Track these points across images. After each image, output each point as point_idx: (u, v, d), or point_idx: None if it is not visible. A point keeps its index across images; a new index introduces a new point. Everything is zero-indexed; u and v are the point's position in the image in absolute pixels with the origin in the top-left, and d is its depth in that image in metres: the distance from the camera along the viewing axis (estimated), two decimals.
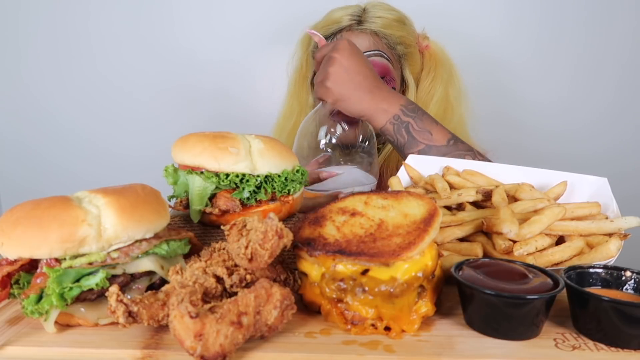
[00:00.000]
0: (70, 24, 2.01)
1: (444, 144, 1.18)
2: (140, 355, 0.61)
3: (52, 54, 2.04)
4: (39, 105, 2.09)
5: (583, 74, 1.92)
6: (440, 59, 1.59)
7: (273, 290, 0.63)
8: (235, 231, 0.69)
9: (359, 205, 0.75)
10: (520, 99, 1.96)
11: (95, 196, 0.70)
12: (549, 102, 1.95)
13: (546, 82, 1.94)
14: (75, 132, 2.10)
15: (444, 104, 1.54)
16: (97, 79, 2.05)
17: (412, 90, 1.54)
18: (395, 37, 1.48)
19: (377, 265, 0.65)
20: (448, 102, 1.55)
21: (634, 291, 0.69)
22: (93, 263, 0.66)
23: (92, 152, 2.10)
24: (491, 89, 1.94)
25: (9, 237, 0.65)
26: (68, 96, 2.07)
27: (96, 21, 2.00)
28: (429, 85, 1.55)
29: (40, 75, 2.06)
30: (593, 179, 0.98)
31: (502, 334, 0.65)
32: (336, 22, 1.47)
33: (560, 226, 0.86)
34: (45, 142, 2.11)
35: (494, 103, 1.94)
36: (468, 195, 0.94)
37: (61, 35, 2.02)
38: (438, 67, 1.57)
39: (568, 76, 1.93)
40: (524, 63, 1.93)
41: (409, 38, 1.51)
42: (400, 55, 1.51)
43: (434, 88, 1.55)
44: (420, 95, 1.56)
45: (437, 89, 1.54)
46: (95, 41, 2.01)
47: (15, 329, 0.67)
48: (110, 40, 2.01)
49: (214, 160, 0.84)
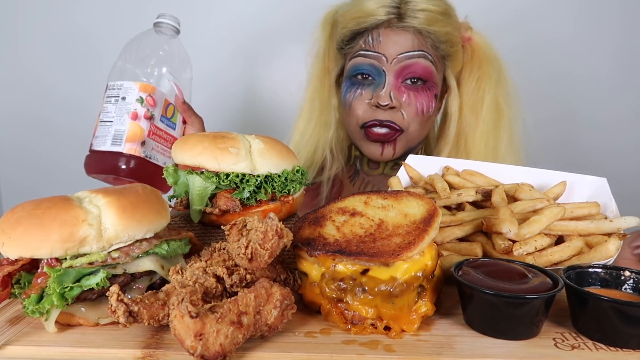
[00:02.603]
0: (72, 24, 2.01)
1: None
2: (141, 355, 0.61)
3: (56, 52, 2.04)
4: (39, 105, 2.09)
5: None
6: (486, 55, 1.33)
7: (273, 290, 0.63)
8: (235, 231, 0.69)
9: (358, 205, 0.75)
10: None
11: (95, 196, 0.70)
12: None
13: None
14: (76, 132, 2.10)
15: (496, 109, 1.32)
16: (97, 79, 2.05)
17: (455, 94, 1.33)
18: (441, 35, 1.25)
19: (377, 265, 0.65)
20: (499, 108, 1.32)
21: (633, 291, 0.69)
22: (93, 263, 0.66)
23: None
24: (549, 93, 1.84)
25: (10, 237, 0.65)
26: (69, 96, 2.07)
27: (98, 20, 2.00)
28: (475, 86, 1.32)
29: (41, 75, 2.06)
30: (592, 179, 0.98)
31: (501, 333, 0.65)
32: (370, 15, 1.24)
33: (560, 226, 0.86)
34: (46, 142, 2.11)
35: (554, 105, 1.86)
36: (468, 195, 0.95)
37: (64, 34, 2.02)
38: (484, 64, 1.33)
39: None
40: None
41: (455, 35, 1.29)
42: (445, 55, 1.30)
43: (482, 90, 1.32)
44: (466, 100, 1.33)
45: (487, 92, 1.31)
46: (97, 40, 2.01)
47: (16, 329, 0.67)
48: (111, 40, 2.01)
49: (214, 160, 0.84)
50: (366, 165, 1.42)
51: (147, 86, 1.13)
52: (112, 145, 1.10)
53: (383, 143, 1.30)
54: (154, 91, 1.13)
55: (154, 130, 1.14)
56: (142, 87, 1.12)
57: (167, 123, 1.18)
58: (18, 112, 2.10)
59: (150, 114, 1.12)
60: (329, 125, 1.42)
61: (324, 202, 1.41)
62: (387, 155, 1.31)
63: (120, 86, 1.13)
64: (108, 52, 2.00)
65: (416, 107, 1.26)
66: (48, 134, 2.11)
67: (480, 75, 1.32)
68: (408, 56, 1.23)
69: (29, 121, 2.11)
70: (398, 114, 1.26)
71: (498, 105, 1.32)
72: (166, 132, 1.18)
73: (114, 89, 1.14)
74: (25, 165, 2.15)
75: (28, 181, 2.13)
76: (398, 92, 1.25)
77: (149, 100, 1.12)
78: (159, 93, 1.15)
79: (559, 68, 1.89)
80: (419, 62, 1.24)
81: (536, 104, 1.74)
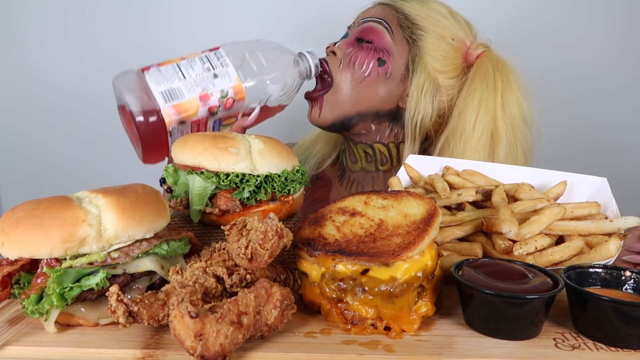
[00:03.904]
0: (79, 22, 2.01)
1: None
2: (141, 355, 0.61)
3: (55, 51, 2.04)
4: (39, 104, 2.09)
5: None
6: (482, 70, 1.24)
7: (273, 290, 0.63)
8: (235, 231, 0.69)
9: (358, 205, 0.75)
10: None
11: (95, 196, 0.70)
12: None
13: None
14: (76, 132, 2.10)
15: (491, 137, 1.21)
16: (97, 79, 2.04)
17: (418, 81, 1.25)
18: (405, 12, 1.26)
19: (377, 265, 0.65)
20: (496, 136, 1.21)
21: (634, 291, 0.69)
22: (93, 263, 0.66)
23: (93, 152, 2.10)
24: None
25: (10, 237, 0.65)
26: (70, 95, 2.07)
27: (100, 20, 2.00)
28: (472, 106, 1.22)
29: (41, 73, 2.06)
30: (593, 179, 0.98)
31: (501, 333, 0.65)
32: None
33: (560, 226, 0.86)
34: (46, 142, 2.11)
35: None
36: (468, 195, 0.95)
37: (66, 32, 2.02)
38: (475, 80, 1.23)
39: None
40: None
41: (430, 21, 1.25)
42: (415, 38, 1.25)
43: (467, 112, 1.21)
44: (461, 114, 1.22)
45: (480, 118, 1.20)
46: (100, 40, 2.01)
47: (16, 329, 0.67)
48: (112, 40, 2.01)
49: (214, 160, 0.84)
50: (349, 160, 1.42)
51: (241, 90, 1.01)
52: (160, 94, 0.96)
53: (312, 101, 1.31)
54: (240, 99, 1.02)
55: (200, 126, 1.03)
56: (237, 87, 1.00)
57: (213, 127, 1.07)
58: (18, 110, 2.10)
59: (216, 111, 1.01)
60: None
61: (310, 199, 1.42)
62: (314, 116, 1.30)
63: (225, 65, 1.01)
64: (110, 52, 2.02)
65: (353, 60, 1.26)
66: (48, 133, 2.11)
67: (481, 97, 1.23)
68: (365, 20, 1.29)
69: (29, 120, 2.10)
70: (337, 61, 1.28)
71: (495, 133, 1.22)
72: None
73: (218, 59, 1.02)
74: (25, 165, 2.15)
75: (28, 181, 2.13)
76: (346, 44, 1.29)
77: (229, 101, 1.01)
78: (241, 104, 1.04)
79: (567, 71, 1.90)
80: (372, 25, 1.27)
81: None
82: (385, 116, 1.31)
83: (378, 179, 1.39)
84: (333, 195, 1.43)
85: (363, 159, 1.38)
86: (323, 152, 1.48)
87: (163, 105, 0.95)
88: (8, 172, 2.15)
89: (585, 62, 1.92)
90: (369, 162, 1.37)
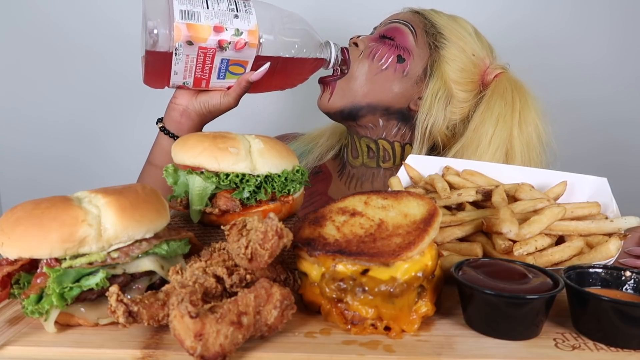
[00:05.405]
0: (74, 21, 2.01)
1: None
2: (141, 355, 0.61)
3: (54, 53, 2.04)
4: (38, 104, 2.09)
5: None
6: (501, 88, 1.26)
7: (273, 290, 0.63)
8: (235, 231, 0.69)
9: (358, 205, 0.75)
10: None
11: (95, 196, 0.70)
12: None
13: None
14: (75, 133, 2.10)
15: (506, 154, 1.22)
16: (97, 78, 2.05)
17: (434, 86, 1.28)
18: (433, 21, 1.31)
19: (377, 265, 0.65)
20: (510, 153, 1.22)
21: (634, 291, 0.69)
22: (93, 263, 0.66)
23: (92, 152, 2.10)
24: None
25: (9, 237, 0.65)
26: (69, 95, 2.07)
27: (101, 19, 2.00)
28: (488, 123, 1.23)
29: (40, 74, 2.06)
30: (593, 179, 0.98)
31: (501, 333, 0.65)
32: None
33: (560, 226, 0.86)
34: (46, 142, 2.11)
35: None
36: (468, 195, 0.95)
37: (65, 32, 2.02)
38: (494, 97, 1.25)
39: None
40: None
41: (455, 34, 1.30)
42: (437, 45, 1.29)
43: (484, 126, 1.23)
44: (471, 134, 1.24)
45: (486, 128, 1.22)
46: (100, 40, 2.01)
47: (15, 329, 0.67)
48: (112, 40, 2.01)
49: (214, 160, 0.84)
50: (350, 154, 1.43)
51: (255, 37, 1.00)
52: (179, 12, 0.96)
53: (325, 85, 1.32)
54: (253, 45, 1.00)
55: (206, 58, 1.00)
56: (252, 33, 0.99)
57: (220, 68, 1.04)
58: (17, 110, 2.10)
59: (226, 46, 0.99)
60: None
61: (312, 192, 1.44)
62: (324, 101, 1.32)
63: (249, 12, 1.01)
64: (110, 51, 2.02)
65: (374, 52, 1.30)
66: (48, 133, 2.11)
67: (499, 114, 1.24)
68: (392, 21, 1.33)
69: (28, 121, 2.10)
70: (358, 52, 1.31)
71: (510, 150, 1.23)
72: (208, 71, 1.04)
73: (244, 6, 1.02)
74: (25, 165, 2.14)
75: (27, 181, 2.13)
76: (369, 38, 1.34)
77: (240, 42, 0.99)
78: (252, 51, 1.01)
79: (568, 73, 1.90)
80: (398, 25, 1.31)
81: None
82: (394, 114, 1.33)
83: (378, 176, 1.39)
84: (331, 190, 1.45)
85: (365, 154, 1.38)
86: (328, 144, 1.50)
87: (178, 19, 0.97)
88: (8, 172, 2.15)
89: (586, 64, 1.92)
90: (371, 157, 1.38)
